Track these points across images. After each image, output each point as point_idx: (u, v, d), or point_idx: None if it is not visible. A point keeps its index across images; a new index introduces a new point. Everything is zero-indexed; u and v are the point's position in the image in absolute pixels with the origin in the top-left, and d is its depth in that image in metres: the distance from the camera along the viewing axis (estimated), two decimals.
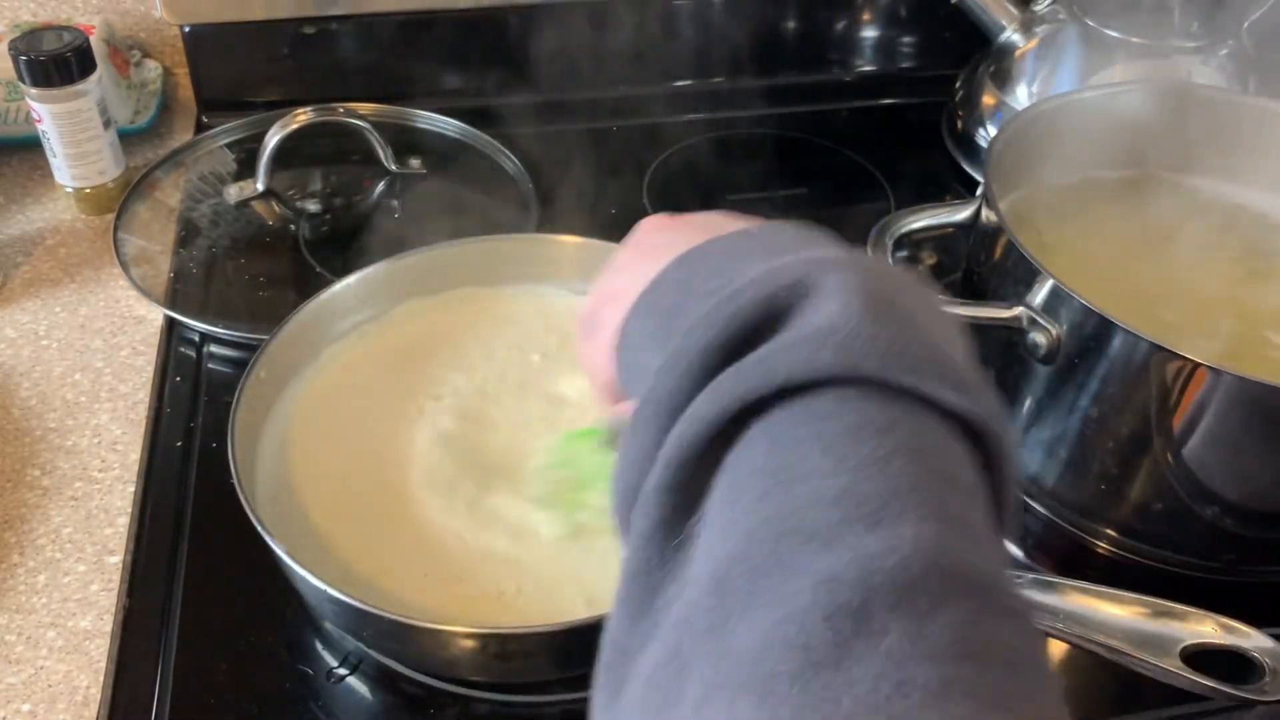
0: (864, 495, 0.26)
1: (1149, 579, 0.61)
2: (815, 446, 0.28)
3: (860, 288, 0.30)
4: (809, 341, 0.29)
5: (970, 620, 0.25)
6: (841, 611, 0.24)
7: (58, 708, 0.52)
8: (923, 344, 0.30)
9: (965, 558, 0.26)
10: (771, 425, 0.29)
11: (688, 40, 0.99)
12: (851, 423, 0.28)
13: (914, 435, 0.28)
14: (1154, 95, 0.72)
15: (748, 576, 0.26)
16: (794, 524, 0.26)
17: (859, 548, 0.25)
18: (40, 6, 0.92)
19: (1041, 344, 0.57)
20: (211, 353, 0.72)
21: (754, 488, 0.28)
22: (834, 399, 0.29)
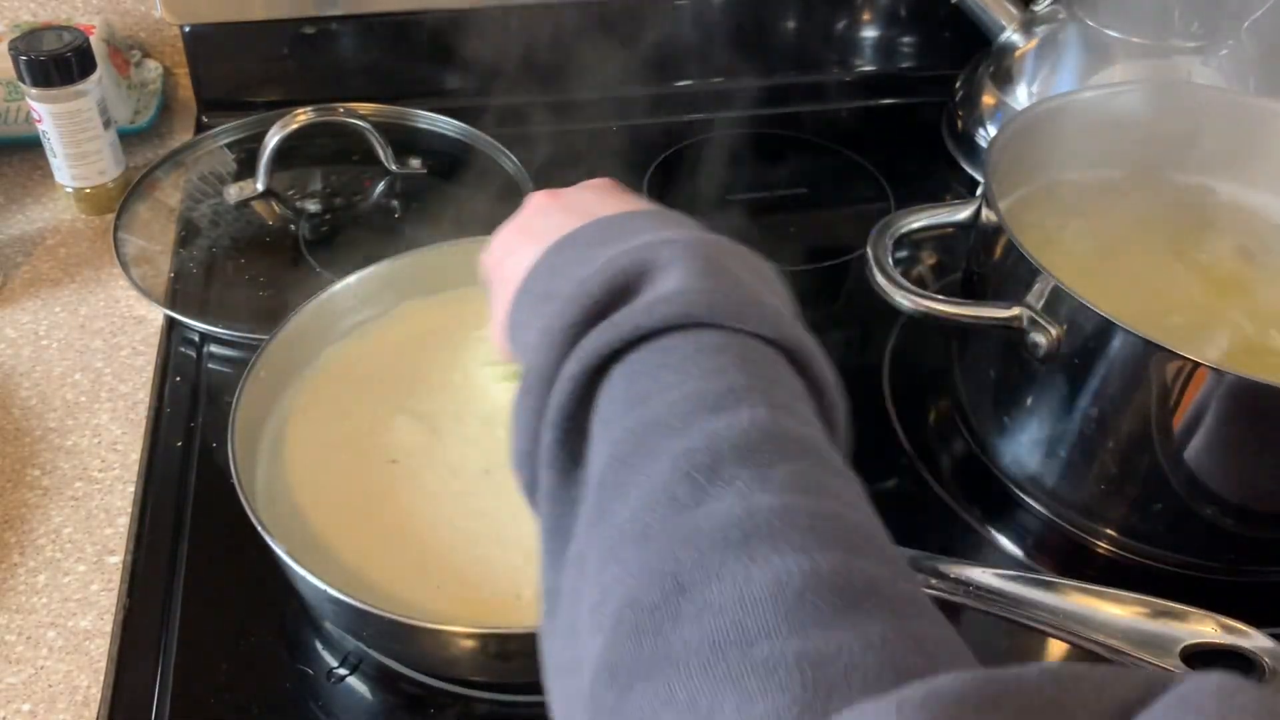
0: (706, 393, 0.32)
1: (1149, 579, 0.61)
2: (664, 370, 0.33)
3: (694, 258, 0.36)
4: (653, 303, 0.34)
5: (804, 469, 0.30)
6: (697, 469, 0.29)
7: (58, 708, 0.52)
8: (746, 296, 0.35)
9: (796, 430, 0.32)
10: (627, 365, 0.34)
11: (688, 40, 0.99)
12: (691, 348, 0.34)
13: (745, 352, 0.34)
14: (1154, 95, 0.72)
15: (620, 470, 0.31)
16: (652, 421, 0.32)
17: (707, 428, 0.31)
18: (40, 6, 0.92)
19: (1041, 344, 0.57)
20: (211, 353, 0.72)
21: (619, 412, 0.33)
22: (676, 337, 0.34)
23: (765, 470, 0.29)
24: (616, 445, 0.32)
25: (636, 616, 0.27)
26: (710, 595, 0.26)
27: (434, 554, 0.55)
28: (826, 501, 0.29)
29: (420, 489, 0.58)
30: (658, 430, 0.31)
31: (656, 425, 0.31)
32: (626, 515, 0.30)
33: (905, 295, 0.60)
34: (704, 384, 0.32)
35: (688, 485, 0.29)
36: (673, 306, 0.34)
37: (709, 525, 0.28)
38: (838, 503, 0.30)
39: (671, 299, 0.34)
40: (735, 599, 0.26)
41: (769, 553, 0.27)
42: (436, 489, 0.58)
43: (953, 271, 0.80)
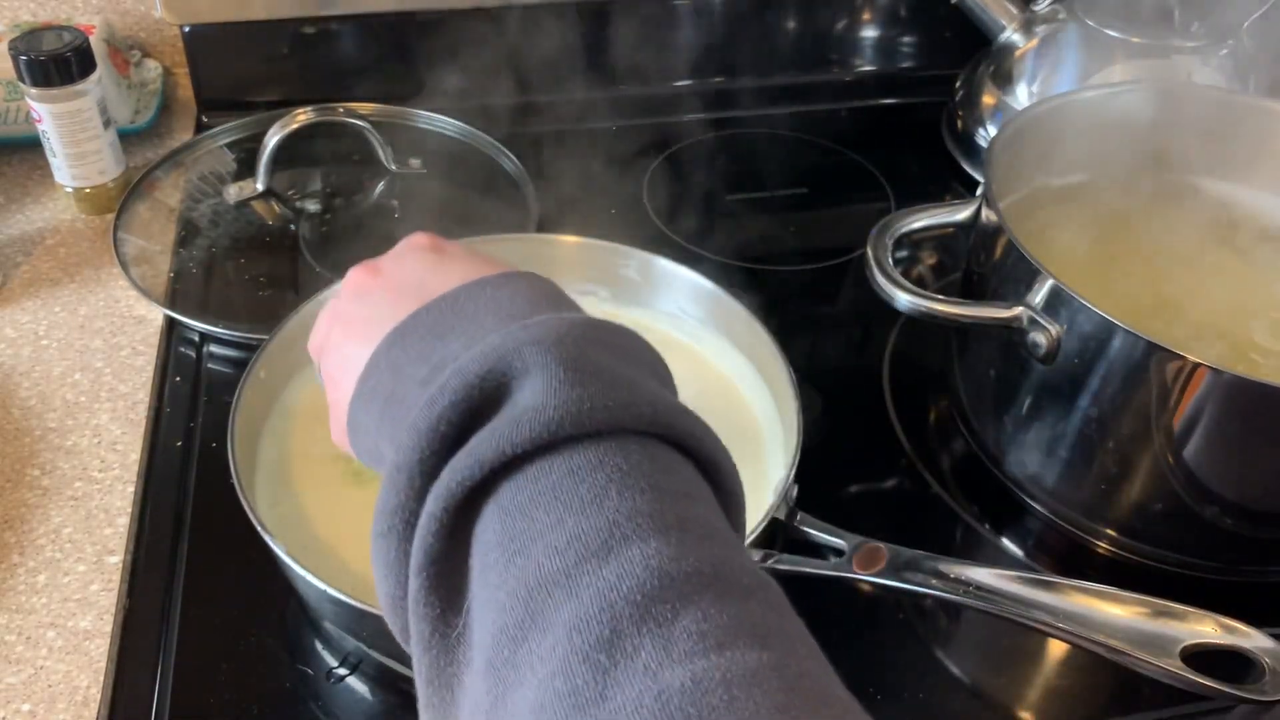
0: (589, 533, 0.28)
1: (1149, 579, 0.61)
2: (539, 505, 0.30)
3: (554, 358, 0.32)
4: (510, 424, 0.31)
5: (712, 612, 0.27)
6: (596, 647, 0.26)
7: (58, 708, 0.52)
8: (619, 394, 0.32)
9: (692, 558, 0.28)
10: (498, 500, 0.31)
11: (688, 40, 0.99)
12: (564, 472, 0.30)
13: (622, 462, 0.30)
14: (1154, 95, 0.72)
15: (510, 647, 0.28)
16: (536, 580, 0.28)
17: (596, 583, 0.27)
18: (40, 6, 0.92)
19: (1041, 344, 0.57)
20: (211, 353, 0.72)
21: (497, 561, 0.30)
22: (546, 461, 0.30)
23: (669, 630, 0.26)
24: (502, 612, 0.29)
25: None
26: None
27: None
28: (741, 651, 0.26)
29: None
30: (545, 591, 0.28)
31: (542, 585, 0.28)
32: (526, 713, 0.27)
33: (905, 295, 0.60)
34: (584, 520, 0.29)
35: (588, 670, 0.26)
36: (537, 426, 0.30)
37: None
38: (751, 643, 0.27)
39: (536, 415, 0.30)
40: None
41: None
42: None
43: (953, 271, 0.80)
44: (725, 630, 0.26)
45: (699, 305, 0.67)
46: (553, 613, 0.27)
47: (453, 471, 0.31)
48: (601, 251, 0.68)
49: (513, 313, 0.36)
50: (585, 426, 0.31)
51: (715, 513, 0.32)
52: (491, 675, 0.28)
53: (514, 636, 0.28)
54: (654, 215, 0.85)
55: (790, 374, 0.58)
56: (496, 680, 0.28)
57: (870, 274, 0.62)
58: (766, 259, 0.81)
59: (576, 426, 0.31)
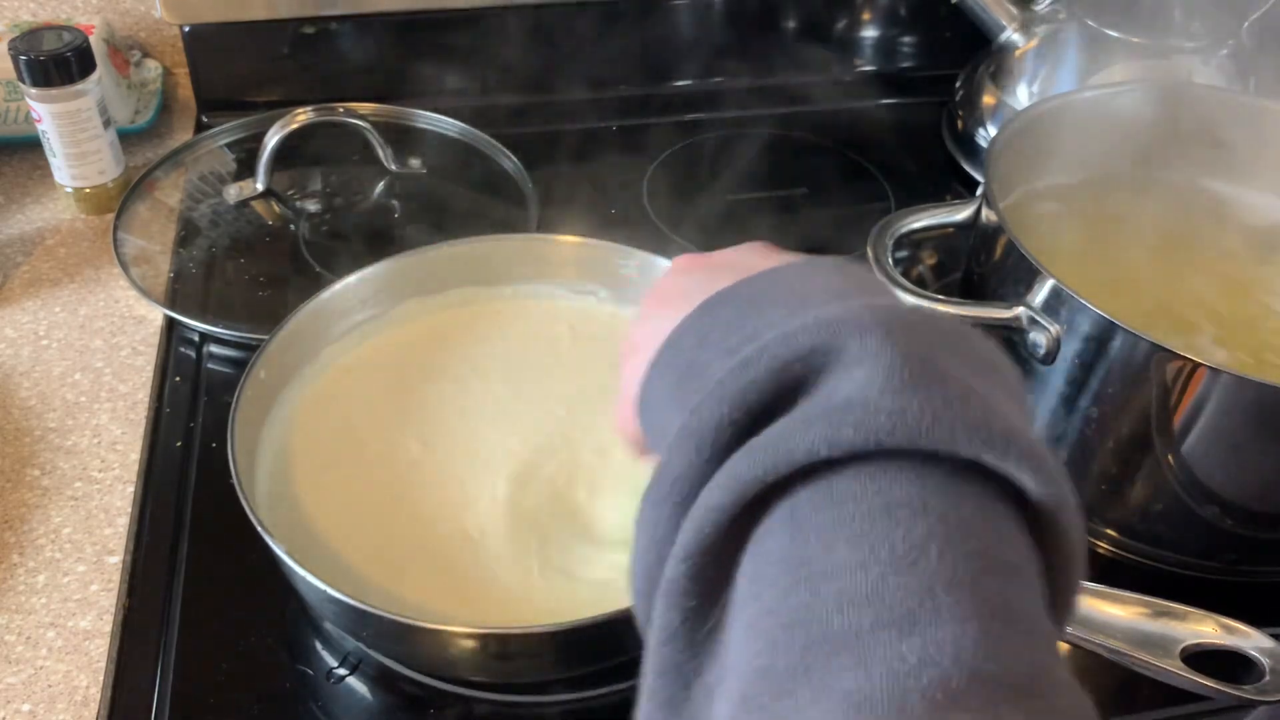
0: (896, 594, 0.24)
1: (1149, 579, 0.61)
2: (841, 535, 0.25)
3: (888, 352, 0.27)
4: (828, 418, 0.26)
5: None
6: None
7: (58, 708, 0.52)
8: (962, 406, 0.27)
9: (1010, 661, 0.24)
10: (794, 507, 0.26)
11: (688, 40, 0.99)
12: (879, 505, 0.26)
13: (950, 513, 0.26)
14: (1154, 95, 0.72)
15: (772, 694, 0.24)
16: (820, 631, 0.24)
17: (892, 659, 0.23)
18: (40, 6, 0.92)
19: (1041, 344, 0.57)
20: (211, 353, 0.72)
21: (778, 581, 0.26)
22: (861, 477, 0.26)
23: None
24: (773, 651, 0.25)
25: None
26: None
27: (434, 554, 0.55)
28: None
29: (420, 489, 0.58)
30: (826, 649, 0.24)
31: (827, 639, 0.24)
32: None
33: (905, 295, 0.60)
34: (893, 577, 0.24)
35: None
36: (858, 431, 0.26)
37: None
38: None
39: (854, 415, 0.26)
40: None
41: None
42: (436, 489, 0.58)
43: (953, 271, 0.80)
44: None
45: None
46: (832, 677, 0.23)
47: (750, 460, 0.27)
48: (601, 251, 0.68)
49: (844, 293, 0.31)
50: (916, 442, 0.26)
51: (1040, 601, 0.27)
52: (744, 713, 0.25)
53: (779, 685, 0.24)
54: (654, 215, 0.85)
55: None
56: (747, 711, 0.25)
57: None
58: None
59: (909, 440, 0.26)
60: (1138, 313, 0.54)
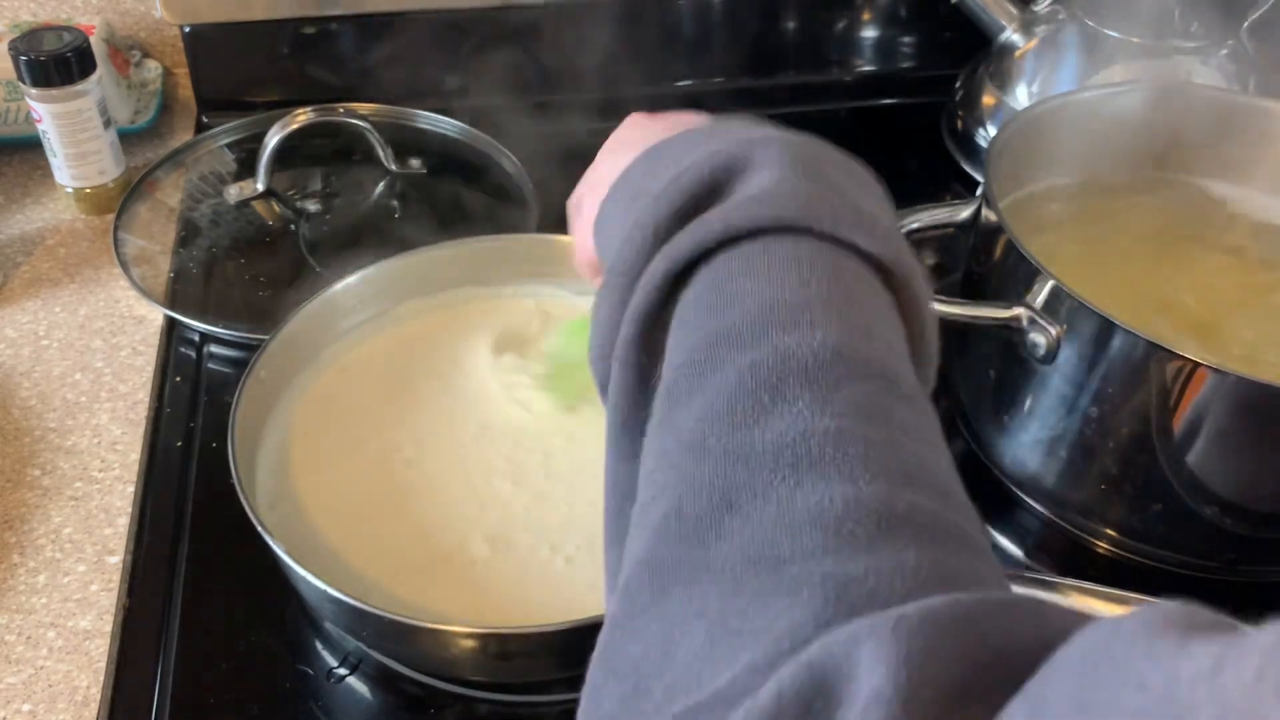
0: (783, 306, 0.31)
1: (1149, 579, 0.61)
2: (747, 277, 0.33)
3: (789, 157, 0.35)
4: (745, 202, 0.34)
5: (871, 393, 0.30)
6: (762, 386, 0.29)
7: (58, 708, 0.52)
8: (842, 201, 0.35)
9: (868, 353, 0.31)
10: (712, 269, 0.34)
11: (688, 40, 0.99)
12: (780, 258, 0.33)
13: (833, 267, 0.33)
14: (1154, 95, 0.72)
15: (689, 377, 0.31)
16: (726, 333, 0.31)
17: (778, 343, 0.30)
18: (40, 6, 0.92)
19: (1041, 344, 0.57)
20: (211, 353, 0.72)
21: (697, 315, 0.33)
22: (766, 243, 0.33)
23: (829, 393, 0.29)
24: (690, 352, 0.32)
25: (681, 526, 0.28)
26: (753, 514, 0.27)
27: (434, 553, 0.55)
28: (887, 429, 0.29)
29: (420, 488, 0.58)
30: (730, 341, 0.31)
31: (729, 335, 0.31)
32: (688, 424, 0.30)
33: None
34: (783, 296, 0.32)
35: (750, 402, 0.29)
36: (764, 206, 0.33)
37: (763, 445, 0.28)
38: (899, 431, 0.29)
39: (763, 198, 0.34)
40: (776, 520, 0.27)
41: (816, 479, 0.27)
42: (436, 489, 0.58)
43: (953, 271, 0.80)
44: (876, 408, 0.29)
45: None
46: (732, 356, 0.31)
47: (681, 238, 0.34)
48: None
49: (765, 131, 0.39)
50: (807, 219, 0.33)
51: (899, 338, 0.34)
52: (669, 397, 0.32)
53: (692, 372, 0.31)
54: None
55: None
56: (670, 403, 0.32)
57: None
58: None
59: (799, 215, 0.33)
60: (1138, 313, 0.54)
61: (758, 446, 0.28)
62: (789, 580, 0.25)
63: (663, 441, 0.31)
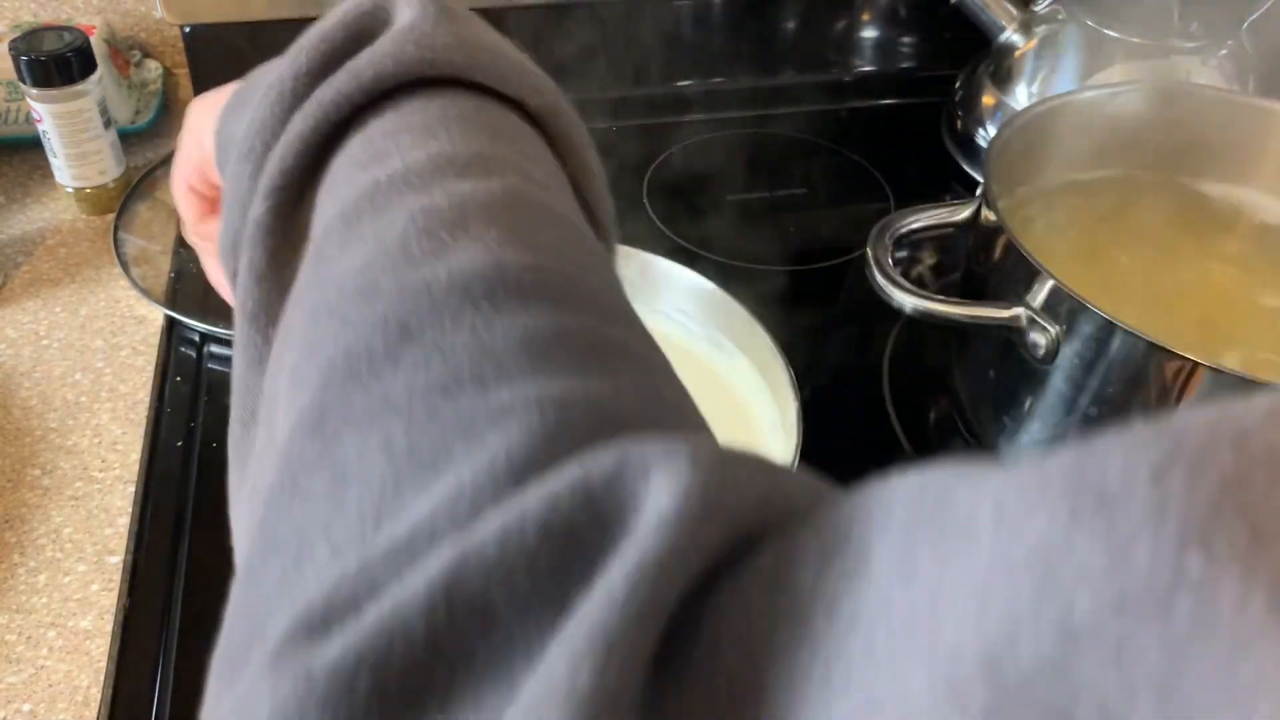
0: (454, 156, 0.28)
1: None
2: (407, 132, 0.29)
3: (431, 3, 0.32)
4: (393, 40, 0.30)
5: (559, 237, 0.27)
6: (441, 224, 0.25)
7: (58, 708, 0.52)
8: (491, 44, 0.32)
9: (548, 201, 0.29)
10: (365, 128, 0.29)
11: (688, 40, 0.99)
12: (439, 112, 0.30)
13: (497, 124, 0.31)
14: (1154, 95, 0.72)
15: (344, 228, 0.27)
16: (388, 181, 0.27)
17: (452, 189, 0.27)
18: (40, 6, 0.92)
19: (1041, 344, 0.57)
20: (211, 353, 0.72)
21: (351, 174, 0.28)
22: (423, 98, 0.30)
23: (516, 233, 0.26)
24: (344, 204, 0.27)
25: (351, 364, 0.23)
26: (443, 340, 0.23)
27: None
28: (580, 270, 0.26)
29: None
30: (395, 187, 0.27)
31: (394, 182, 0.27)
32: (350, 274, 0.25)
33: (905, 295, 0.60)
34: (451, 148, 0.28)
35: (428, 240, 0.25)
36: (419, 49, 0.30)
37: (450, 278, 0.24)
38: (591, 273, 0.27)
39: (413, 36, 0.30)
40: (471, 345, 0.23)
41: (516, 306, 0.24)
42: None
43: (953, 271, 0.80)
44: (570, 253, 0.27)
45: (699, 305, 0.67)
46: (399, 200, 0.26)
47: (325, 89, 0.29)
48: None
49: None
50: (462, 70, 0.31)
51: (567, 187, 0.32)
52: (316, 259, 0.27)
53: (351, 220, 0.27)
54: (654, 215, 0.85)
55: (790, 374, 0.58)
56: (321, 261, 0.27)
57: (870, 274, 0.62)
58: (766, 259, 0.81)
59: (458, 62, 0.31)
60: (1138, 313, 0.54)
61: (443, 279, 0.24)
62: (496, 406, 0.21)
63: (315, 302, 0.26)
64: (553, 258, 0.26)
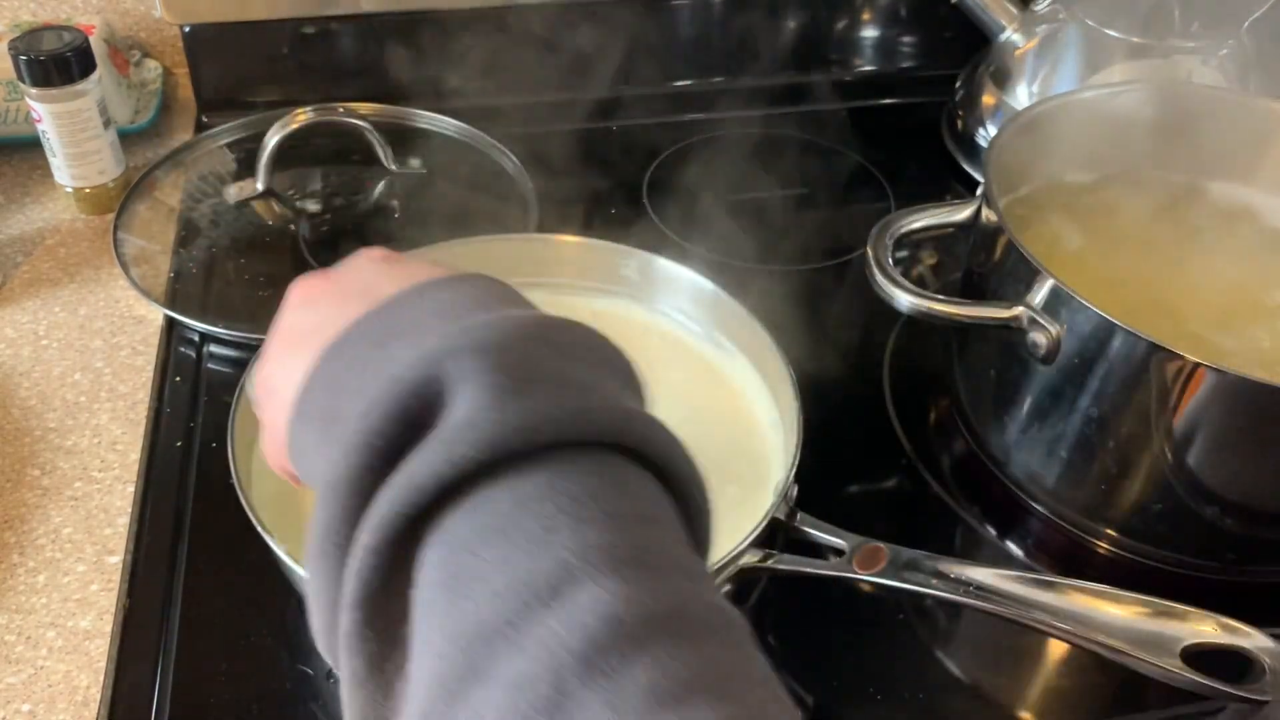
0: (536, 576, 0.26)
1: (1149, 579, 0.61)
2: (484, 541, 0.27)
3: (490, 367, 0.29)
4: (446, 442, 0.28)
5: (666, 662, 0.25)
6: (539, 709, 0.24)
7: (58, 707, 0.52)
8: (566, 396, 0.29)
9: (648, 599, 0.26)
10: (442, 532, 0.28)
11: (687, 40, 0.99)
12: (509, 504, 0.28)
13: (573, 487, 0.28)
14: (1154, 95, 0.72)
15: (446, 701, 0.26)
16: (476, 629, 0.26)
17: (543, 635, 0.25)
18: (40, 6, 0.92)
19: (1041, 344, 0.57)
20: (211, 353, 0.72)
21: (438, 602, 0.27)
22: (490, 488, 0.28)
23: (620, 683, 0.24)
24: (441, 661, 0.26)
25: None
26: None
27: None
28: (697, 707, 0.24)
29: None
30: (487, 642, 0.26)
31: (484, 635, 0.26)
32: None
33: (905, 295, 0.60)
34: (531, 561, 0.26)
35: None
36: (476, 446, 0.28)
37: None
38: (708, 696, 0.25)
39: (471, 432, 0.28)
40: None
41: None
42: None
43: (953, 271, 0.80)
44: (680, 683, 0.25)
45: (699, 305, 0.67)
46: (494, 666, 0.25)
47: (389, 500, 0.28)
48: (601, 251, 0.68)
49: (456, 314, 0.33)
50: (531, 442, 0.28)
51: (677, 537, 0.30)
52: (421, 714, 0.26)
53: (452, 690, 0.26)
54: (654, 215, 0.85)
55: (790, 374, 0.58)
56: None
57: (870, 274, 0.62)
58: (766, 259, 0.81)
59: (521, 442, 0.28)
60: (1138, 313, 0.54)
61: None
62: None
63: None
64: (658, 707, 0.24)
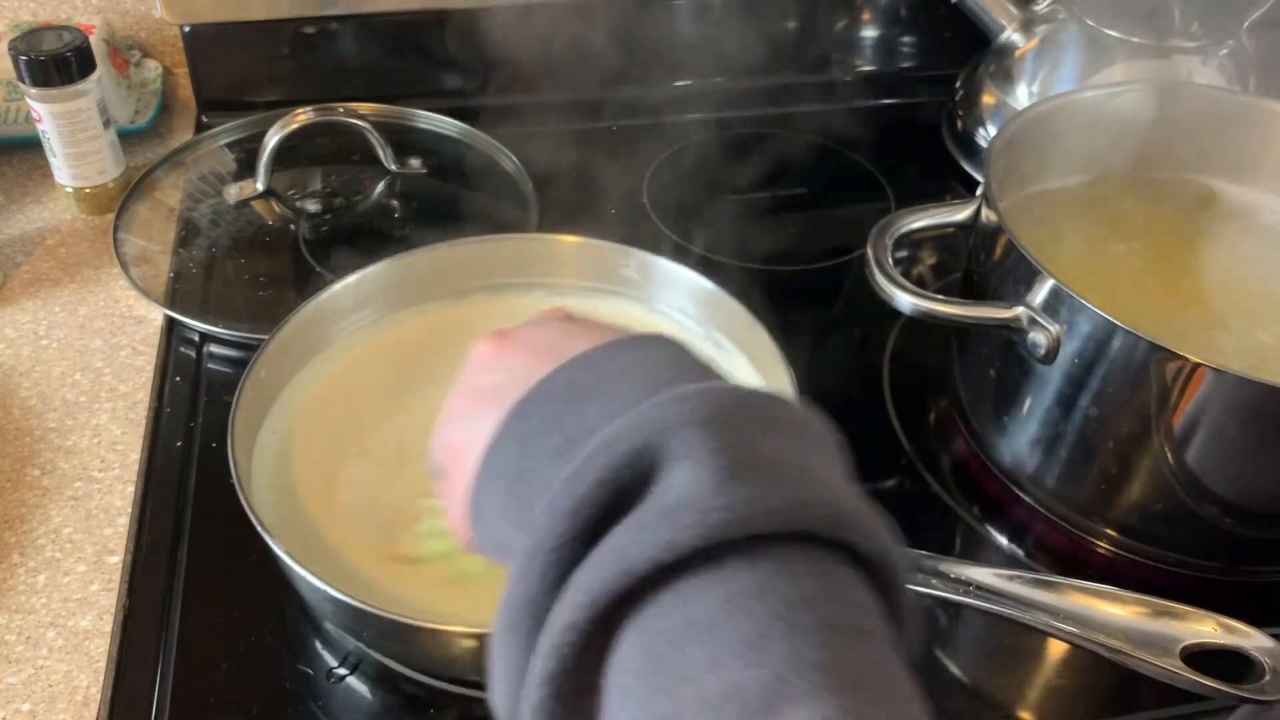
0: (750, 688, 0.25)
1: (1149, 579, 0.61)
2: (690, 635, 0.26)
3: (709, 446, 0.28)
4: (663, 522, 0.27)
5: None
6: None
7: (58, 707, 0.52)
8: (787, 487, 0.28)
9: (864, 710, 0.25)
10: (645, 615, 0.27)
11: (688, 40, 0.99)
12: (722, 597, 0.26)
13: (789, 590, 0.27)
14: (1154, 95, 0.72)
15: None
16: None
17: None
18: (40, 6, 0.92)
19: (1041, 344, 0.57)
20: (211, 353, 0.72)
21: (639, 691, 0.26)
22: (702, 574, 0.27)
23: None
24: None
25: None
26: None
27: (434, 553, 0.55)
28: None
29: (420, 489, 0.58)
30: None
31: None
32: None
33: (905, 295, 0.60)
34: (745, 671, 0.25)
35: None
36: (693, 532, 0.26)
37: None
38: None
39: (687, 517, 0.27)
40: None
41: None
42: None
43: (953, 271, 0.80)
44: None
45: (699, 305, 0.67)
46: None
47: (599, 578, 0.27)
48: (601, 251, 0.68)
49: (657, 377, 0.32)
50: (749, 531, 0.27)
51: (888, 648, 0.28)
52: None
53: None
54: (654, 215, 0.85)
55: (790, 374, 0.58)
56: None
57: (870, 274, 0.62)
58: (766, 259, 0.81)
59: (740, 531, 0.27)
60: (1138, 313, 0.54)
61: None
62: None
63: None
64: None
